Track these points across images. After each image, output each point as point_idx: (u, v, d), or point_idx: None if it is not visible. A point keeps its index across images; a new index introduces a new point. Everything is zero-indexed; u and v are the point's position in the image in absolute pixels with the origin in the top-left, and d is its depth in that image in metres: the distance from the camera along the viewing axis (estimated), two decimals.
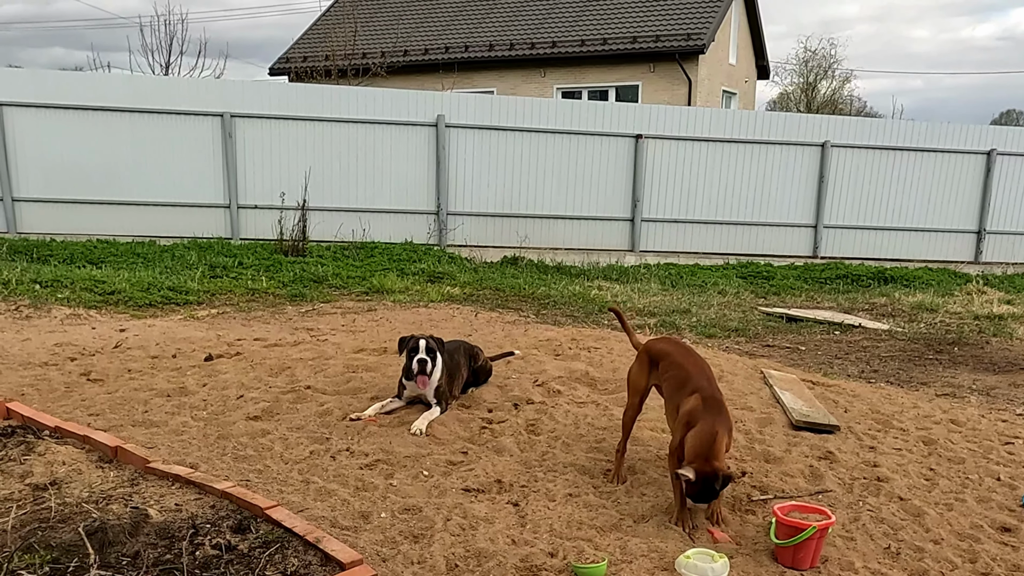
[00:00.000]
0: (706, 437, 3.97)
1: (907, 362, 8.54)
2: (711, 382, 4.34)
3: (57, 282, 10.01)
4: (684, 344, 4.78)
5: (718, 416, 4.08)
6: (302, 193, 13.51)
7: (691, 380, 4.31)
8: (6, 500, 3.86)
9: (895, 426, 5.70)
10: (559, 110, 14.95)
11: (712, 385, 4.31)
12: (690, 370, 4.37)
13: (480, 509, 4.05)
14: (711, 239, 15.63)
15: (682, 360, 4.47)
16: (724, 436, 4.02)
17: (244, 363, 6.57)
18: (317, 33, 29.22)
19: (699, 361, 4.50)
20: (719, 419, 4.06)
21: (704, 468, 3.87)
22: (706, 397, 4.17)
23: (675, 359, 4.50)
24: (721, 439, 3.99)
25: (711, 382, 4.34)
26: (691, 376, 4.33)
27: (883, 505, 4.38)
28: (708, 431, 3.99)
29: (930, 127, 15.92)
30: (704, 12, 25.18)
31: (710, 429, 3.99)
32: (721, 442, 3.98)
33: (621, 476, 4.51)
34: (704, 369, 4.43)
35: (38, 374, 6.19)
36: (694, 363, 4.45)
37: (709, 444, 3.95)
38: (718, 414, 4.09)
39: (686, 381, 4.32)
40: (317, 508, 3.94)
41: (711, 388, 4.27)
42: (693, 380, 4.30)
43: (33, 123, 13.23)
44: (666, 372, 4.47)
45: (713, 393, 4.23)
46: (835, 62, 47.33)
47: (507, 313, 10.04)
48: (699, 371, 4.37)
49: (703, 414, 4.07)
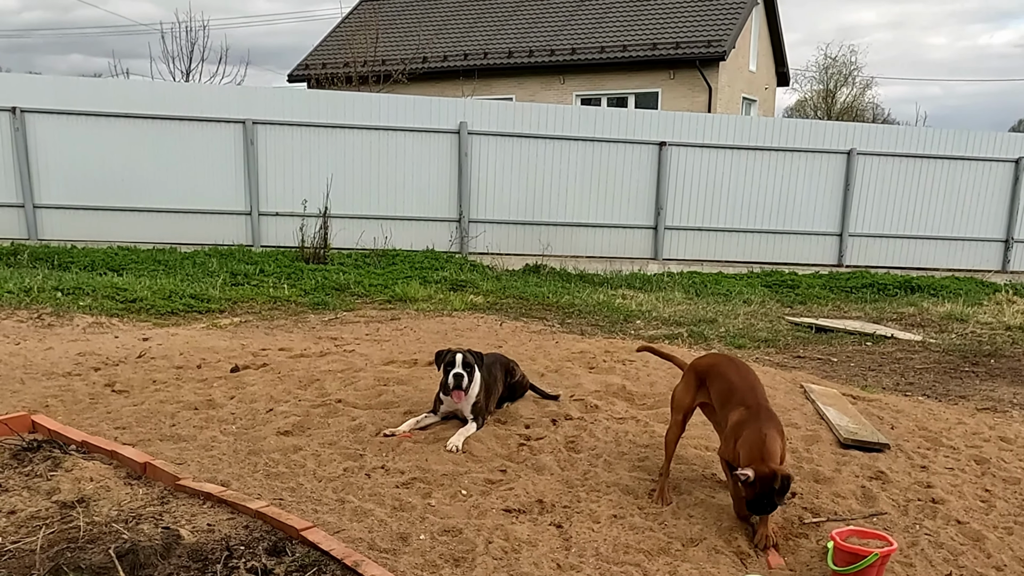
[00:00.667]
0: (756, 439, 3.86)
1: (943, 374, 8.33)
2: (757, 394, 4.20)
3: (79, 290, 9.93)
4: (732, 358, 4.61)
5: (768, 421, 3.98)
6: (323, 200, 13.42)
7: (736, 393, 4.19)
8: (34, 518, 3.73)
9: (945, 444, 5.50)
10: (582, 117, 14.80)
11: (759, 396, 4.18)
12: (735, 383, 4.25)
13: (522, 531, 3.89)
14: (735, 247, 15.45)
15: (727, 372, 4.35)
16: (776, 438, 3.90)
17: (271, 374, 6.44)
18: (336, 40, 29.19)
19: (746, 374, 4.35)
20: (768, 423, 3.95)
21: (761, 469, 3.74)
22: (750, 406, 4.06)
23: (721, 371, 4.38)
24: (773, 440, 3.88)
25: (757, 394, 4.20)
26: (735, 389, 4.21)
27: (941, 528, 4.20)
28: (757, 434, 3.88)
29: (957, 135, 15.68)
30: (724, 19, 25.01)
31: (758, 431, 3.89)
32: (774, 444, 3.86)
33: (666, 498, 4.34)
34: (750, 380, 4.29)
35: (62, 384, 6.07)
36: (740, 376, 4.32)
37: (760, 446, 3.83)
38: (768, 419, 3.99)
39: (731, 394, 4.21)
40: (354, 529, 3.80)
41: (756, 399, 4.14)
42: (738, 393, 4.18)
43: (55, 130, 13.18)
44: (713, 387, 4.35)
45: (759, 402, 4.10)
46: (855, 69, 47.07)
47: (532, 322, 9.89)
48: (745, 384, 4.24)
49: (750, 421, 3.97)
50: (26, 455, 4.41)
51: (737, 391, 4.20)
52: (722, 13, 25.26)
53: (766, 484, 3.75)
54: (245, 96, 14.20)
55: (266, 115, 13.70)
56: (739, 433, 3.99)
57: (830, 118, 41.27)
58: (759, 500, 3.81)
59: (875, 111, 48.75)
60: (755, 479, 3.74)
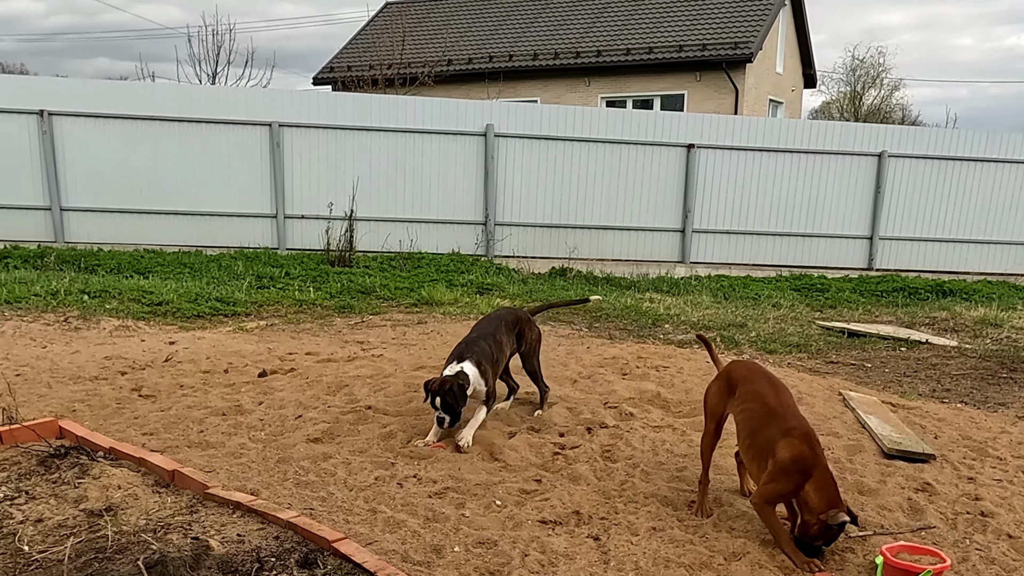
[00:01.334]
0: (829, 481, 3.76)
1: (980, 381, 8.13)
2: (797, 415, 4.01)
3: (105, 292, 9.91)
4: (764, 371, 4.35)
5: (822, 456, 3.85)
6: (349, 203, 13.37)
7: (775, 418, 3.96)
8: (61, 527, 3.66)
9: (991, 454, 5.33)
10: (610, 119, 14.66)
11: (800, 418, 3.99)
12: (773, 405, 4.01)
13: (559, 543, 3.77)
14: (763, 250, 15.25)
15: (763, 390, 4.10)
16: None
17: (299, 380, 6.36)
18: (361, 43, 29.22)
19: (782, 394, 4.11)
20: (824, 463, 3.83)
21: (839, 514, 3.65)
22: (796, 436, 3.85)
23: (754, 388, 4.13)
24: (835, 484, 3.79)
25: (797, 415, 4.01)
26: (775, 413, 3.98)
27: (992, 543, 4.04)
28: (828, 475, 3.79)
29: (989, 136, 15.40)
30: (752, 20, 24.79)
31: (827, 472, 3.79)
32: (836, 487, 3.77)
33: (706, 510, 4.20)
34: (789, 402, 4.07)
35: (89, 389, 6.02)
36: (777, 396, 4.07)
37: (834, 488, 3.73)
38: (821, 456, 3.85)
39: (770, 419, 3.97)
40: (387, 541, 3.70)
41: (801, 422, 3.94)
42: (779, 419, 3.95)
43: (82, 132, 13.21)
44: (743, 402, 4.12)
45: (803, 427, 3.91)
46: (883, 70, 46.58)
47: (559, 326, 9.78)
48: (784, 407, 4.02)
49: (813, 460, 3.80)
50: (53, 462, 4.34)
51: (777, 416, 3.96)
52: (749, 15, 25.04)
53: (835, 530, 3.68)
54: (271, 99, 14.18)
55: (292, 118, 13.67)
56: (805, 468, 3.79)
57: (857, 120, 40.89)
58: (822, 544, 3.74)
59: (904, 113, 48.25)
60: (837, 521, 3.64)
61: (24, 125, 12.98)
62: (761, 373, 4.31)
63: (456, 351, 5.14)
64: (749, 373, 4.30)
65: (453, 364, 4.99)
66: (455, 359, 5.03)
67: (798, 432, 3.85)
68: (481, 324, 5.54)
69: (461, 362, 4.99)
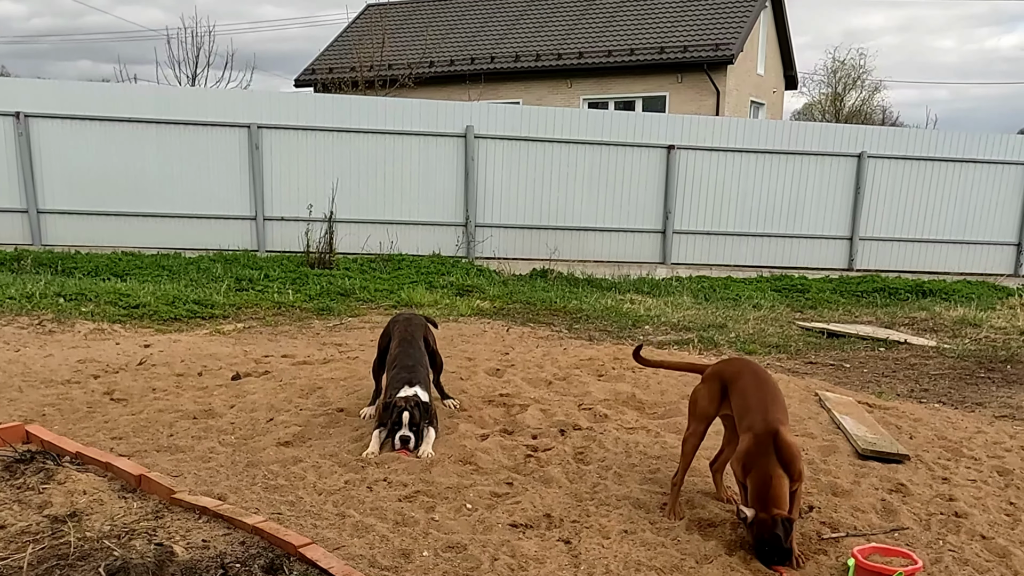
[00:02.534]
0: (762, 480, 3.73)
1: (958, 380, 8.16)
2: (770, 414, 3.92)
3: (81, 295, 9.81)
4: (754, 367, 4.29)
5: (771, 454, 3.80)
6: (329, 205, 13.31)
7: (748, 413, 3.96)
8: (23, 533, 3.60)
9: (966, 454, 5.33)
10: (590, 120, 14.65)
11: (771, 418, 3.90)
12: (749, 401, 4.00)
13: (529, 547, 3.74)
14: (744, 251, 15.28)
15: (747, 386, 4.08)
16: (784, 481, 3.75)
17: (273, 382, 6.31)
18: (343, 45, 29.15)
19: (762, 388, 4.06)
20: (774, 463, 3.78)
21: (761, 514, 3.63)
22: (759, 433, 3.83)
23: (742, 385, 4.10)
24: (781, 483, 3.74)
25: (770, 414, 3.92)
26: (749, 408, 3.98)
27: (965, 544, 4.03)
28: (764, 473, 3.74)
29: (968, 137, 15.49)
30: (733, 22, 24.88)
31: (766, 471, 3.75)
32: (782, 487, 3.74)
33: (677, 512, 4.17)
34: (763, 398, 4.00)
35: (60, 392, 5.95)
36: (757, 390, 4.04)
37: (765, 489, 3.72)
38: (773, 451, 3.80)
39: (745, 412, 3.98)
40: (354, 545, 3.65)
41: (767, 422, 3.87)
42: (749, 414, 3.95)
43: (59, 134, 13.08)
44: (734, 400, 4.11)
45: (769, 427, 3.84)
46: (864, 72, 46.80)
47: (539, 328, 9.75)
48: (758, 402, 3.98)
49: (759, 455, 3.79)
50: (18, 467, 4.28)
51: (750, 411, 3.96)
52: (730, 16, 25.13)
53: (765, 530, 3.61)
54: (250, 100, 14.11)
55: (271, 119, 13.59)
56: (746, 464, 3.81)
57: (838, 121, 41.05)
58: (760, 547, 3.66)
59: (884, 114, 48.50)
60: (753, 521, 3.62)
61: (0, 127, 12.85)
62: (749, 368, 4.26)
63: (402, 376, 5.06)
64: (739, 369, 4.26)
65: (406, 388, 4.93)
66: (405, 384, 4.97)
67: (761, 432, 3.83)
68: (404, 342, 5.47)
69: (412, 387, 4.95)
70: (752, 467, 3.77)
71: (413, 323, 5.71)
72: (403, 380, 5.04)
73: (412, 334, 5.55)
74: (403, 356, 5.33)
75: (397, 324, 5.71)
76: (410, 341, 5.47)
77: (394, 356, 5.37)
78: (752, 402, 4.00)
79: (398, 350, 5.39)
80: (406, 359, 5.29)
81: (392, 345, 5.50)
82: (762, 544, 3.66)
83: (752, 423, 3.89)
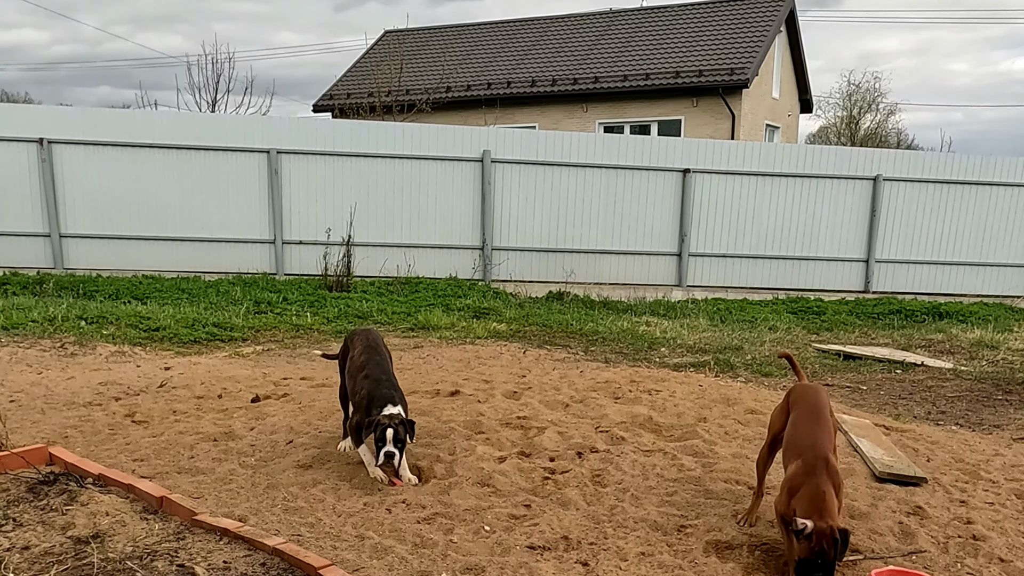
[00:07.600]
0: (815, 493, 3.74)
1: (975, 403, 8.13)
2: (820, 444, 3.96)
3: (102, 318, 9.93)
4: (812, 397, 4.31)
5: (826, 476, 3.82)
6: (347, 228, 13.42)
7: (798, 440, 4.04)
8: (47, 554, 3.65)
9: (983, 477, 5.32)
10: (606, 145, 14.74)
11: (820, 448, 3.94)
12: (800, 429, 4.10)
13: (547, 569, 3.76)
14: (759, 274, 15.28)
15: (801, 414, 4.19)
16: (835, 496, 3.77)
17: (292, 405, 6.36)
18: (361, 70, 29.42)
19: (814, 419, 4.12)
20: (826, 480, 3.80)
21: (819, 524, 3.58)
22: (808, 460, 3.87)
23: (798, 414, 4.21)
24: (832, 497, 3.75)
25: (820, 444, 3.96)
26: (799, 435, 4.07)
27: (983, 568, 4.02)
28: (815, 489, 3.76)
29: (984, 160, 15.46)
30: (748, 46, 24.97)
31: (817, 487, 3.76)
32: (833, 501, 3.73)
33: (751, 520, 4.35)
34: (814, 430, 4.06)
35: (82, 415, 6.03)
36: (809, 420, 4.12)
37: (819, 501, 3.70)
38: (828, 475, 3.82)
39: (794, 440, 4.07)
40: (373, 568, 3.69)
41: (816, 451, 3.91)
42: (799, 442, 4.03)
43: (82, 160, 13.29)
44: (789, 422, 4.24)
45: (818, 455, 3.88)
46: (879, 95, 46.78)
47: (555, 350, 9.78)
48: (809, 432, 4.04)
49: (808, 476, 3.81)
50: (42, 488, 4.34)
51: (800, 438, 4.03)
52: (745, 41, 25.22)
53: (824, 540, 3.54)
54: (269, 126, 14.29)
55: (290, 144, 13.75)
56: (795, 487, 3.81)
57: (853, 144, 40.99)
58: (813, 560, 3.57)
59: (899, 137, 48.41)
60: (812, 532, 3.54)
61: (24, 153, 13.07)
62: (812, 395, 4.34)
63: (383, 395, 4.94)
64: (800, 397, 4.36)
65: (389, 407, 4.84)
66: (387, 402, 4.87)
67: (810, 459, 3.87)
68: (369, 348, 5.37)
69: (395, 406, 4.86)
70: (802, 486, 3.78)
71: (372, 333, 5.61)
72: (385, 399, 4.90)
73: (375, 342, 5.43)
74: (372, 365, 5.18)
75: (356, 335, 5.59)
76: (375, 348, 5.35)
77: (360, 363, 5.21)
78: (803, 431, 4.07)
79: (363, 357, 5.24)
80: (376, 369, 5.15)
81: (355, 353, 5.35)
82: (813, 557, 3.57)
83: (803, 451, 3.94)
